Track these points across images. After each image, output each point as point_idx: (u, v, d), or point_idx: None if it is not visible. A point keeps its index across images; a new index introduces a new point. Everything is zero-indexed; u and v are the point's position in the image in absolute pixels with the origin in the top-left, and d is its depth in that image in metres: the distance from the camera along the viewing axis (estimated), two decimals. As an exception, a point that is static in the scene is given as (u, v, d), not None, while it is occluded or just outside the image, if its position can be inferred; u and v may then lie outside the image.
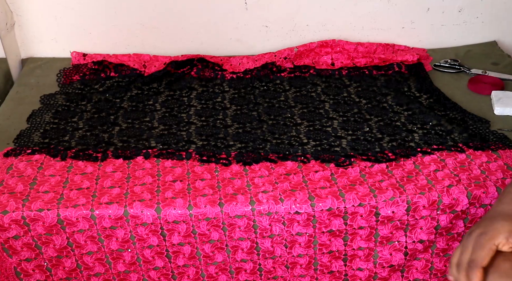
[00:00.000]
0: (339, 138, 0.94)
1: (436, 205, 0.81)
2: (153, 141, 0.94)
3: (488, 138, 0.93)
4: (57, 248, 0.81)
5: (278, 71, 1.15)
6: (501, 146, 0.91)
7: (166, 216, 0.79)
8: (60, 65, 1.19)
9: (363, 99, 1.06)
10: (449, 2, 1.20)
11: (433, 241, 0.85)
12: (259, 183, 0.83)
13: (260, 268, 0.87)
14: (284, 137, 0.95)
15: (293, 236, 0.83)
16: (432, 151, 0.90)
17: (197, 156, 0.89)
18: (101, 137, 0.95)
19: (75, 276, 0.84)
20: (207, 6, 1.17)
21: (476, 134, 0.94)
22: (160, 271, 0.85)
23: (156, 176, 0.85)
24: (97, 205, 0.79)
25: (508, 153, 0.89)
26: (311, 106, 1.04)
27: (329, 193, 0.80)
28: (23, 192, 0.81)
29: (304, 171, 0.85)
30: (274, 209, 0.79)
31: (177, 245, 0.83)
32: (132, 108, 1.04)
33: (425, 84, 1.11)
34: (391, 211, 0.81)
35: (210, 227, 0.80)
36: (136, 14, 1.18)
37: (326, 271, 0.87)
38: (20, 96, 1.09)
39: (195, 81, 1.12)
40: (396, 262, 0.86)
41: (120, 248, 0.82)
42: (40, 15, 1.17)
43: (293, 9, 1.19)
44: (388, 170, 0.86)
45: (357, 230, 0.83)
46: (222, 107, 1.04)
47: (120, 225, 0.79)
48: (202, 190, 0.82)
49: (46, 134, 0.96)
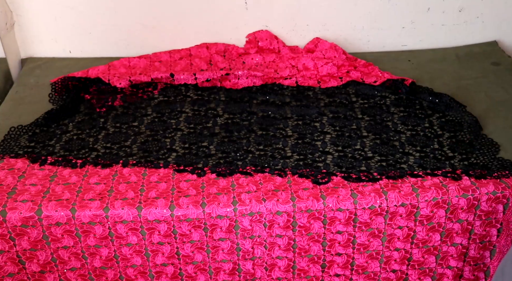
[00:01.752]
0: (325, 154, 0.85)
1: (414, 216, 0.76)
2: (136, 147, 0.86)
3: (491, 167, 0.80)
4: (31, 241, 0.74)
5: (279, 89, 1.05)
6: (504, 173, 0.78)
7: (147, 215, 0.72)
8: (60, 65, 1.13)
9: (367, 116, 0.95)
10: (449, 2, 1.15)
11: (409, 251, 0.80)
12: (244, 183, 0.78)
13: (240, 269, 0.80)
14: (268, 149, 0.87)
15: (274, 238, 0.77)
16: (424, 175, 0.79)
17: (174, 166, 0.82)
18: (87, 141, 0.88)
19: (50, 269, 0.76)
20: (207, 6, 1.12)
21: (478, 163, 0.82)
22: (137, 269, 0.78)
23: (142, 176, 0.79)
24: (80, 200, 0.73)
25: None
26: (307, 119, 0.95)
27: (310, 195, 0.75)
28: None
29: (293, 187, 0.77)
30: (256, 209, 0.73)
31: (156, 244, 0.76)
32: (123, 112, 0.97)
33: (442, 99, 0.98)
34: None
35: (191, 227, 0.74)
36: (136, 14, 1.13)
37: (304, 276, 0.81)
38: (20, 96, 1.03)
39: (191, 90, 1.04)
40: (372, 269, 0.80)
41: (97, 244, 0.75)
42: (40, 15, 1.12)
43: (293, 9, 1.14)
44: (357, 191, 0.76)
45: (336, 234, 0.77)
46: (213, 115, 0.96)
47: (99, 221, 0.72)
48: (186, 191, 0.75)
49: (34, 137, 0.89)
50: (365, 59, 1.12)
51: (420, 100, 0.99)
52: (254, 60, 1.12)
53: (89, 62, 1.13)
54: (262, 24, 1.16)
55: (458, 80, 1.08)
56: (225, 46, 1.15)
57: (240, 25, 1.16)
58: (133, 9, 1.12)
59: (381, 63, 1.12)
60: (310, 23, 1.16)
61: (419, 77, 1.08)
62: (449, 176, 0.78)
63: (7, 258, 0.75)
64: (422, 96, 1.00)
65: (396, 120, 0.94)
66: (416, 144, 0.87)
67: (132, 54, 1.14)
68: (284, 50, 1.14)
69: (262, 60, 1.12)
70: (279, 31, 1.17)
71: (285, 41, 1.18)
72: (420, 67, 1.15)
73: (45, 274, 0.77)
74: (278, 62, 1.11)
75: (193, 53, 1.14)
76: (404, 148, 0.86)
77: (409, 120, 0.93)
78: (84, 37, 1.15)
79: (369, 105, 0.98)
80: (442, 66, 1.14)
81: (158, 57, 1.13)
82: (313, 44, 1.15)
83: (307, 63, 1.09)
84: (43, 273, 0.77)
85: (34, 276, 0.77)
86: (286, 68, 1.08)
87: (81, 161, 0.82)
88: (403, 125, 0.92)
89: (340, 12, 1.15)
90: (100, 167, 0.81)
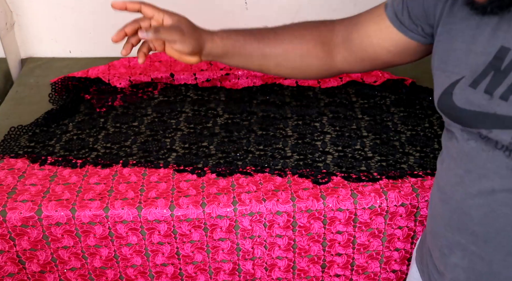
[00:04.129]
0: (325, 154, 0.85)
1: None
2: (136, 147, 0.86)
3: None
4: (31, 241, 0.73)
5: (279, 89, 1.05)
6: None
7: (147, 215, 0.72)
8: (60, 65, 1.13)
9: (367, 116, 0.95)
10: None
11: (409, 251, 0.79)
12: (243, 183, 0.77)
13: (240, 269, 0.79)
14: (268, 149, 0.86)
15: (274, 238, 0.76)
16: (424, 175, 0.79)
17: (174, 166, 0.81)
18: (87, 141, 0.87)
19: (50, 269, 0.76)
20: (207, 6, 1.12)
21: None
22: (137, 269, 0.78)
23: (142, 176, 0.79)
24: (80, 200, 0.72)
25: None
26: (307, 119, 0.94)
27: (310, 195, 0.74)
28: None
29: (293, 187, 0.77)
30: (256, 209, 0.73)
31: (156, 244, 0.75)
32: (123, 112, 0.97)
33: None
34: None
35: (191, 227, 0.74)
36: (136, 14, 1.12)
37: (304, 276, 0.81)
38: (20, 96, 1.03)
39: (191, 90, 1.04)
40: (372, 269, 0.80)
41: (97, 244, 0.75)
42: (40, 15, 1.12)
43: (293, 9, 1.14)
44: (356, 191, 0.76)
45: (336, 234, 0.77)
46: (213, 115, 0.96)
47: (99, 221, 0.72)
48: (186, 191, 0.75)
49: (34, 137, 0.88)
50: (365, 59, 1.12)
51: (420, 100, 0.99)
52: (254, 60, 1.12)
53: (89, 62, 1.13)
54: (262, 24, 1.15)
55: (458, 80, 1.08)
56: (225, 46, 1.15)
57: (240, 25, 1.14)
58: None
59: (381, 63, 1.12)
60: (310, 23, 1.16)
61: (419, 77, 1.08)
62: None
63: (7, 258, 0.75)
64: (422, 96, 0.99)
65: (396, 120, 0.93)
66: (416, 144, 0.86)
67: (132, 54, 1.14)
68: (284, 50, 1.14)
69: (262, 60, 1.12)
70: (279, 31, 1.17)
71: (285, 41, 1.18)
72: (420, 67, 1.14)
73: (45, 274, 0.77)
74: (278, 62, 1.11)
75: (193, 53, 1.14)
76: (404, 148, 0.86)
77: (409, 120, 0.93)
78: (84, 37, 1.15)
79: (369, 105, 0.98)
80: (442, 66, 1.14)
81: (158, 57, 1.13)
82: (313, 44, 1.15)
83: (307, 63, 1.09)
84: (43, 273, 0.77)
85: (34, 276, 0.77)
86: (286, 68, 1.08)
87: (81, 161, 0.82)
88: (403, 125, 0.92)
89: (340, 12, 1.15)
90: (100, 167, 0.81)
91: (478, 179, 0.47)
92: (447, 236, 0.52)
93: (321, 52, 0.65)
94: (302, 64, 0.65)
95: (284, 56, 0.65)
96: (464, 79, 0.47)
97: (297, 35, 0.65)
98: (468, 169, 0.48)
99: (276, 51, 0.64)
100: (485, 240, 0.48)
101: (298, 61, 0.65)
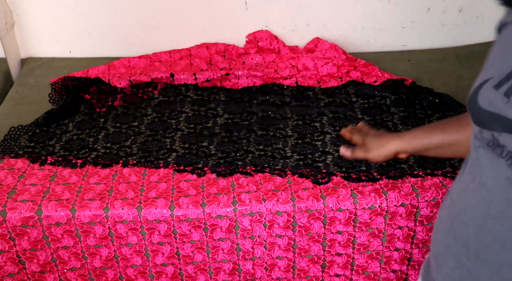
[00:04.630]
0: (325, 154, 0.85)
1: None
2: (136, 147, 0.86)
3: None
4: (31, 241, 0.73)
5: (279, 89, 1.05)
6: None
7: (147, 215, 0.72)
8: (60, 65, 1.13)
9: (367, 116, 0.95)
10: (449, 2, 1.14)
11: (409, 251, 0.79)
12: (244, 183, 0.77)
13: (240, 269, 0.79)
14: (268, 149, 0.86)
15: (274, 238, 0.76)
16: (424, 175, 0.79)
17: (174, 166, 0.81)
18: (87, 141, 0.87)
19: (50, 269, 0.76)
20: (207, 6, 1.12)
21: None
22: (137, 269, 0.78)
23: (142, 176, 0.79)
24: (80, 200, 0.72)
25: None
26: (307, 119, 0.94)
27: (310, 195, 0.74)
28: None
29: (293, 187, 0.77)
30: (256, 209, 0.73)
31: (156, 244, 0.75)
32: (123, 112, 0.97)
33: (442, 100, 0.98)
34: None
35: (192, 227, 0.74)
36: (136, 14, 1.13)
37: (304, 276, 0.81)
38: (20, 96, 1.03)
39: (191, 90, 1.04)
40: (372, 269, 0.80)
41: (97, 244, 0.75)
42: (40, 15, 1.12)
43: (293, 9, 1.14)
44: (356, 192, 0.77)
45: (336, 234, 0.77)
46: (213, 115, 0.96)
47: (99, 221, 0.72)
48: (186, 191, 0.75)
49: (34, 137, 0.88)
50: (365, 59, 1.12)
51: (420, 100, 0.99)
52: (254, 60, 1.12)
53: (89, 62, 1.13)
54: (262, 24, 1.16)
55: (458, 80, 1.07)
56: (225, 46, 1.15)
57: (240, 25, 1.15)
58: (133, 9, 1.12)
59: (381, 63, 1.11)
60: (310, 23, 1.16)
61: (419, 77, 1.07)
62: (449, 176, 0.78)
63: (7, 258, 0.75)
64: (422, 96, 0.99)
65: (396, 120, 0.93)
66: None
67: (132, 54, 1.14)
68: (284, 50, 1.14)
69: (262, 60, 1.12)
70: (279, 31, 1.17)
71: (285, 41, 1.18)
72: (420, 67, 1.15)
73: (45, 274, 0.77)
74: (278, 62, 1.11)
75: (193, 53, 1.14)
76: None
77: (409, 120, 0.93)
78: (84, 37, 1.15)
79: (369, 105, 0.98)
80: (442, 66, 1.13)
81: (158, 57, 1.13)
82: (313, 44, 1.15)
83: (307, 63, 1.09)
84: (43, 273, 0.77)
85: (34, 276, 0.77)
86: (286, 68, 1.08)
87: (81, 161, 0.82)
88: (403, 125, 0.92)
89: (340, 12, 1.15)
90: (100, 167, 0.81)
91: (479, 188, 0.47)
92: (445, 243, 0.52)
93: None
94: None
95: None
96: (492, 80, 0.47)
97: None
98: (473, 177, 0.48)
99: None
100: (475, 254, 0.48)
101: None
